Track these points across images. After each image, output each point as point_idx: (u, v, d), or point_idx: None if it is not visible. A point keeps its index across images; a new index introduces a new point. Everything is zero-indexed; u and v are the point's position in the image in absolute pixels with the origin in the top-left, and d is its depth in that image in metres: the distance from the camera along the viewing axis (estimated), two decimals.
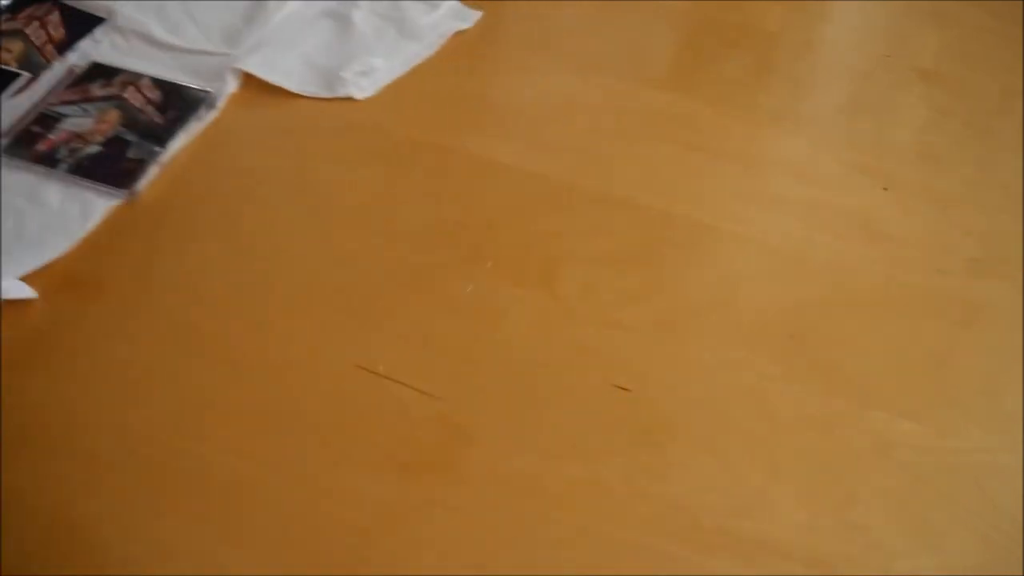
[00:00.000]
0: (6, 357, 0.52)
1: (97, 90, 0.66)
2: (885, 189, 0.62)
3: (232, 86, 0.67)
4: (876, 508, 0.45)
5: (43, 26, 0.69)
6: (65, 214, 0.59)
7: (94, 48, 0.70)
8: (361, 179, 0.62)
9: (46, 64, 0.68)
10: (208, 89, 0.67)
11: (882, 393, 0.50)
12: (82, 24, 0.71)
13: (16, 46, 0.68)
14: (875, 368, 0.51)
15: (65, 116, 0.64)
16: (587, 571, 0.43)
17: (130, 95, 0.66)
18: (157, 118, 0.64)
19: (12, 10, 0.70)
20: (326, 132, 0.66)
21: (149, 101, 0.65)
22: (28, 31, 0.69)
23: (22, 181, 0.60)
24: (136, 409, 0.49)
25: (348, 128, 0.66)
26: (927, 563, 0.43)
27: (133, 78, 0.67)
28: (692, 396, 0.49)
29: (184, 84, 0.68)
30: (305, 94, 0.67)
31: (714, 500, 0.46)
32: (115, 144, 0.63)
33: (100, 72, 0.68)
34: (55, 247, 0.56)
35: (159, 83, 0.67)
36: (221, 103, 0.66)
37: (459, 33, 0.74)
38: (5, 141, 0.61)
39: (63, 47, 0.70)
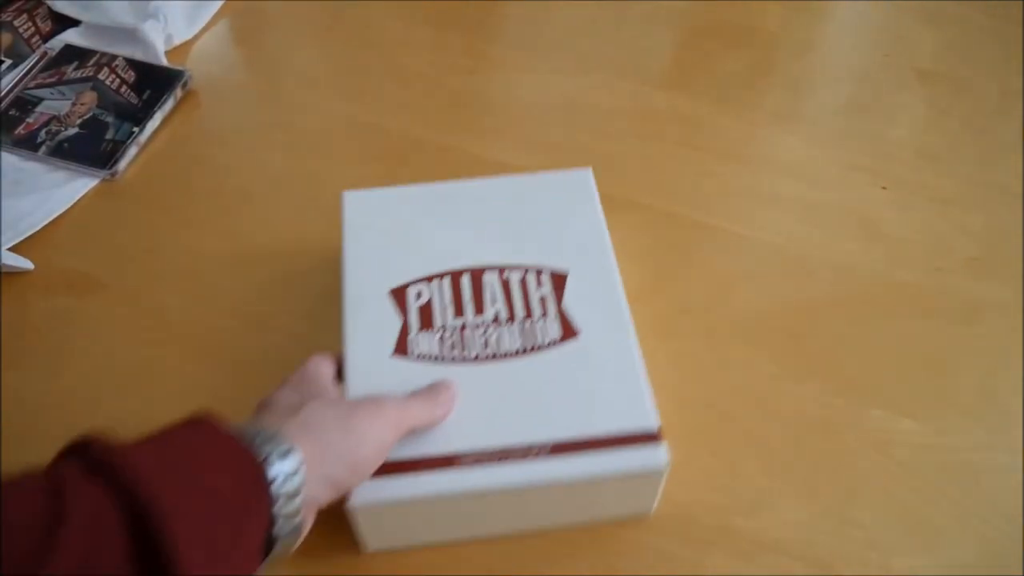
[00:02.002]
0: (6, 356, 0.52)
1: (72, 72, 0.67)
2: (884, 188, 0.62)
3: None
4: (875, 507, 0.45)
5: (31, 18, 0.70)
6: (48, 195, 0.60)
7: (75, 37, 0.71)
8: (360, 178, 0.62)
9: (32, 55, 0.69)
10: (182, 68, 0.68)
11: (881, 392, 0.50)
12: (70, 16, 0.72)
13: (4, 38, 0.69)
14: (874, 367, 0.51)
15: (42, 99, 0.65)
16: (587, 571, 0.43)
17: (105, 76, 0.66)
18: (133, 98, 0.65)
19: (2, 3, 0.70)
20: (323, 130, 0.66)
21: (124, 82, 0.66)
22: (16, 23, 0.70)
23: (4, 164, 0.61)
24: (135, 408, 0.49)
25: (346, 126, 0.66)
26: (926, 562, 0.44)
27: (107, 59, 0.68)
28: (692, 396, 0.49)
29: (158, 64, 0.68)
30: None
31: (713, 499, 0.46)
32: (93, 125, 0.64)
33: (74, 54, 0.69)
34: (33, 225, 0.58)
35: (133, 63, 0.68)
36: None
37: (458, 35, 0.75)
38: None
39: (49, 39, 0.70)
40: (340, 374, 0.43)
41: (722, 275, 0.56)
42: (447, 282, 0.46)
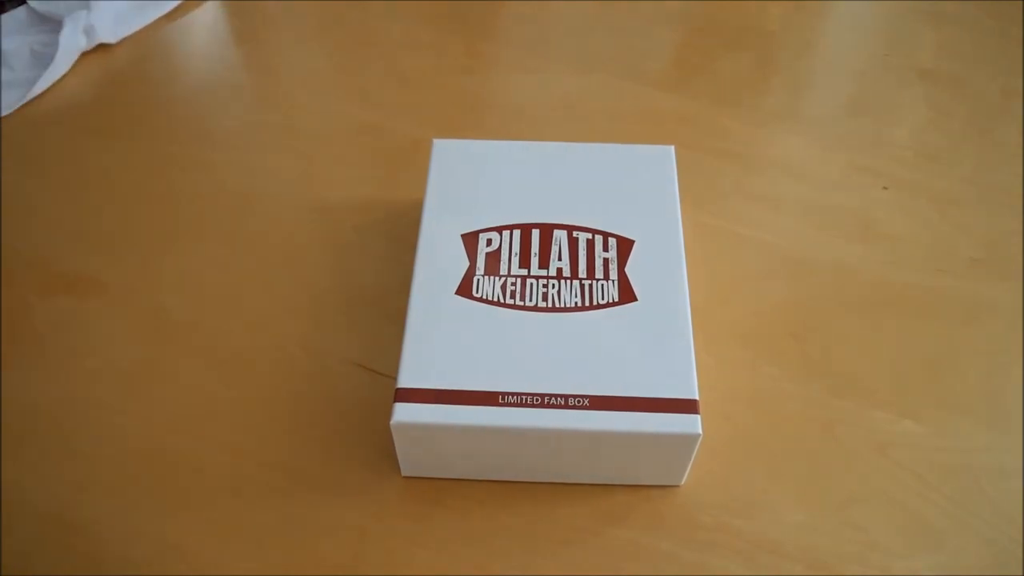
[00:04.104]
0: (6, 356, 0.52)
1: None
2: (885, 188, 0.62)
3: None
4: (875, 508, 0.45)
5: None
6: None
7: None
8: (359, 179, 0.62)
9: None
10: None
11: (882, 393, 0.50)
12: None
13: None
14: (875, 368, 0.51)
15: None
16: (587, 571, 0.43)
17: None
18: None
19: None
20: (323, 130, 0.66)
21: None
22: None
23: None
24: (136, 408, 0.49)
25: (346, 126, 0.66)
26: (926, 563, 0.43)
27: None
28: None
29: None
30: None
31: (713, 499, 0.46)
32: None
33: None
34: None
35: None
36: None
37: (458, 35, 0.75)
38: None
39: None
40: None
41: (722, 275, 0.56)
42: (517, 234, 0.49)
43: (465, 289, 0.47)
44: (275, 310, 0.54)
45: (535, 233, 0.50)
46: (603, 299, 0.46)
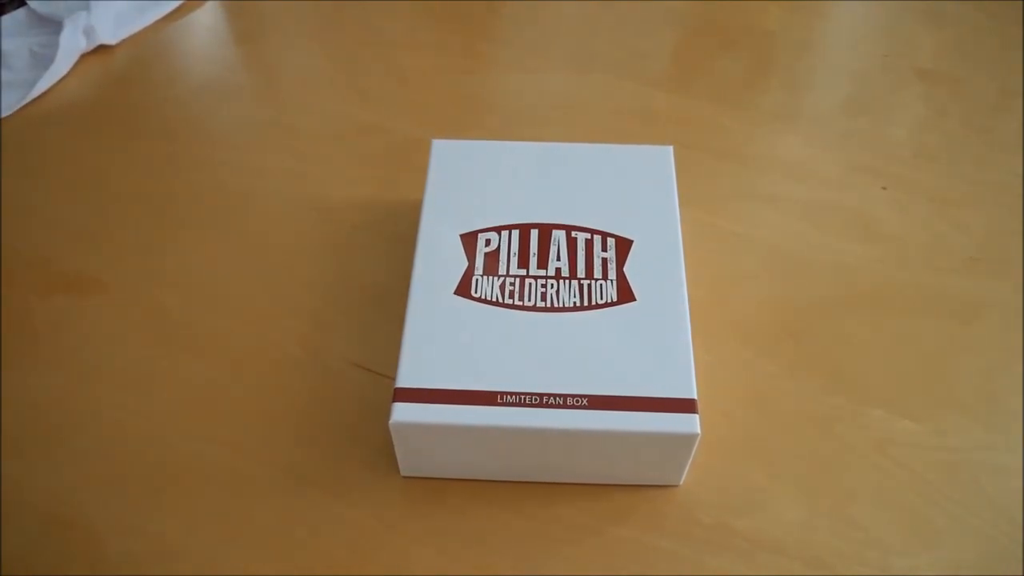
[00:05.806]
0: (6, 356, 0.52)
1: None
2: (884, 188, 0.62)
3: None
4: (874, 506, 0.45)
5: None
6: None
7: None
8: (359, 179, 0.62)
9: None
10: None
11: (881, 391, 0.50)
12: None
13: None
14: (874, 367, 0.51)
15: None
16: (586, 570, 0.43)
17: None
18: None
19: None
20: (322, 130, 0.66)
21: None
22: None
23: None
24: (136, 407, 0.49)
25: (346, 126, 0.66)
26: (925, 561, 0.44)
27: None
28: None
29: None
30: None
31: (712, 497, 0.46)
32: None
33: None
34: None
35: None
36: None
37: (458, 35, 0.75)
38: None
39: None
40: None
41: (721, 275, 0.56)
42: (516, 234, 0.50)
43: (464, 289, 0.47)
44: (275, 310, 0.54)
45: (534, 233, 0.50)
46: (602, 299, 0.46)
